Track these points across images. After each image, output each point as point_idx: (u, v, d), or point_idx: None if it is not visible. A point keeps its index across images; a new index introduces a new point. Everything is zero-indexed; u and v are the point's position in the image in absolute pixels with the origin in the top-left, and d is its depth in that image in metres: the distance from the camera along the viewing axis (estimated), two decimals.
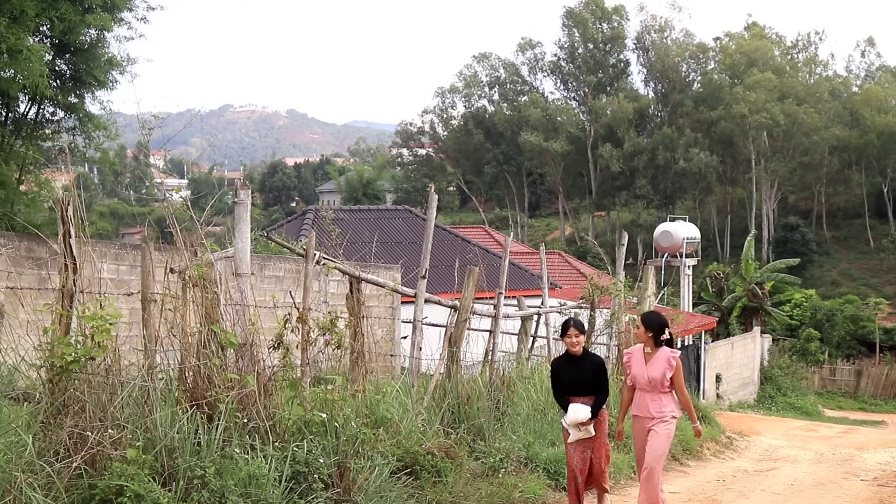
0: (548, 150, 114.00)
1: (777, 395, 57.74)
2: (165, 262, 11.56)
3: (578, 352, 13.18)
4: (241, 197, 11.91)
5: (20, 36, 22.39)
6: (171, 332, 11.11)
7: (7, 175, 24.04)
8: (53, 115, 26.86)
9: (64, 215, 9.96)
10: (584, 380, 13.11)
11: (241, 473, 9.98)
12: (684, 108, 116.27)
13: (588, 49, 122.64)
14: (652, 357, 12.90)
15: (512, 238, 21.82)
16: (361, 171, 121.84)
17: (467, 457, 14.02)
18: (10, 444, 8.15)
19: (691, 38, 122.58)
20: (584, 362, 13.23)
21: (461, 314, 15.81)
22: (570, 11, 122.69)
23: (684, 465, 19.85)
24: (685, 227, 65.88)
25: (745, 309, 69.08)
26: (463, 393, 15.29)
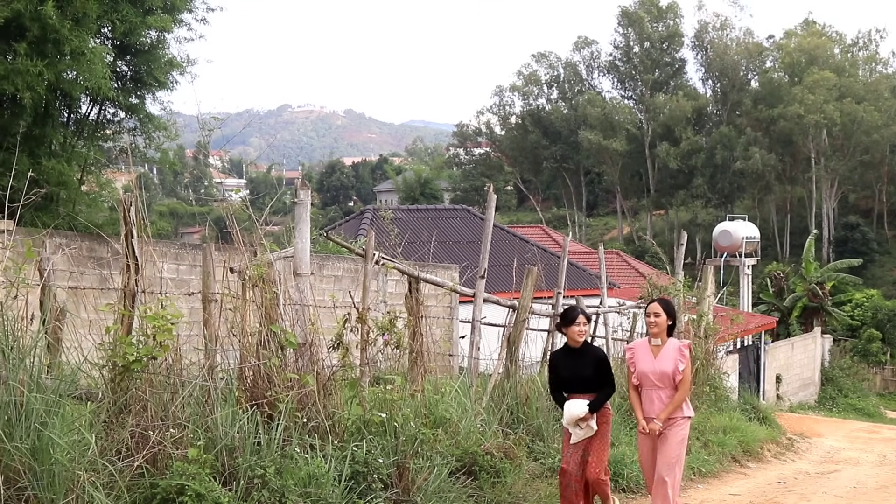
0: (606, 148, 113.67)
1: (838, 396, 57.26)
2: (225, 262, 11.62)
3: (580, 343, 11.92)
4: (300, 197, 11.94)
5: (83, 38, 22.59)
6: (231, 331, 11.16)
7: (69, 175, 24.25)
8: (115, 115, 27.06)
9: (126, 216, 10.02)
10: (585, 375, 11.83)
11: (300, 473, 10.01)
12: (743, 107, 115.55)
13: (644, 48, 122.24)
14: (661, 349, 11.84)
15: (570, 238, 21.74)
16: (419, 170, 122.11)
17: (526, 457, 13.98)
18: (73, 443, 8.21)
19: (750, 36, 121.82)
20: (585, 355, 11.94)
21: (520, 314, 15.77)
22: (625, 11, 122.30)
23: (745, 466, 19.71)
24: (744, 226, 65.46)
25: (806, 309, 68.54)
26: (521, 393, 15.26)
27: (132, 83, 26.28)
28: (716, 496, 16.20)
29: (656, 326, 11.82)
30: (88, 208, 26.66)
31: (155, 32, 25.61)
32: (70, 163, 24.64)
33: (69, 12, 22.55)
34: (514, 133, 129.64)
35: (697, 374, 21.81)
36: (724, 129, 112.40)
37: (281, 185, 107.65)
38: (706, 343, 22.80)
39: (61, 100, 24.87)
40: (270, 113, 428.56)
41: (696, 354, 21.74)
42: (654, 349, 11.88)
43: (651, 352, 11.89)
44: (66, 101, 25.09)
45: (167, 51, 26.42)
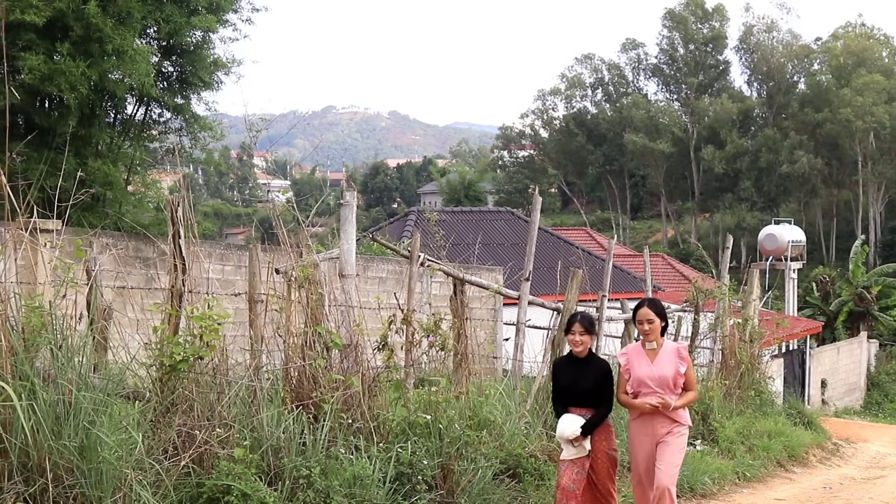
0: (652, 150, 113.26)
1: (884, 401, 56.80)
2: (270, 263, 11.66)
3: (583, 353, 10.89)
4: (346, 198, 11.97)
5: (126, 37, 22.70)
6: (276, 332, 11.21)
7: (115, 176, 24.38)
8: (160, 116, 27.22)
9: (174, 216, 10.08)
10: (585, 387, 10.79)
11: (345, 474, 10.03)
12: (789, 110, 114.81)
13: (689, 49, 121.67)
14: (657, 353, 10.90)
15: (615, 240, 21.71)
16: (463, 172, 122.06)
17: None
18: (120, 442, 8.26)
19: (797, 39, 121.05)
20: (588, 366, 10.91)
21: (564, 317, 15.73)
22: (671, 12, 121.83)
23: (790, 471, 19.60)
24: (790, 230, 65.12)
25: (852, 313, 67.97)
26: None
27: (177, 83, 26.42)
28: (760, 501, 16.12)
29: (651, 333, 10.88)
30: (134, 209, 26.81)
31: (200, 33, 25.72)
32: (116, 163, 24.78)
33: (112, 11, 22.67)
34: (559, 136, 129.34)
35: (742, 379, 21.72)
36: (769, 132, 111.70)
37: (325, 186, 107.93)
38: (751, 347, 22.68)
39: (107, 100, 25.00)
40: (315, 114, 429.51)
41: (741, 358, 21.66)
42: (650, 353, 10.94)
43: (647, 356, 10.95)
44: (111, 101, 25.23)
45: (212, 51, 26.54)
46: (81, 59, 22.27)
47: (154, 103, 26.01)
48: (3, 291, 8.32)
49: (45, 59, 21.81)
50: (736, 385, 21.37)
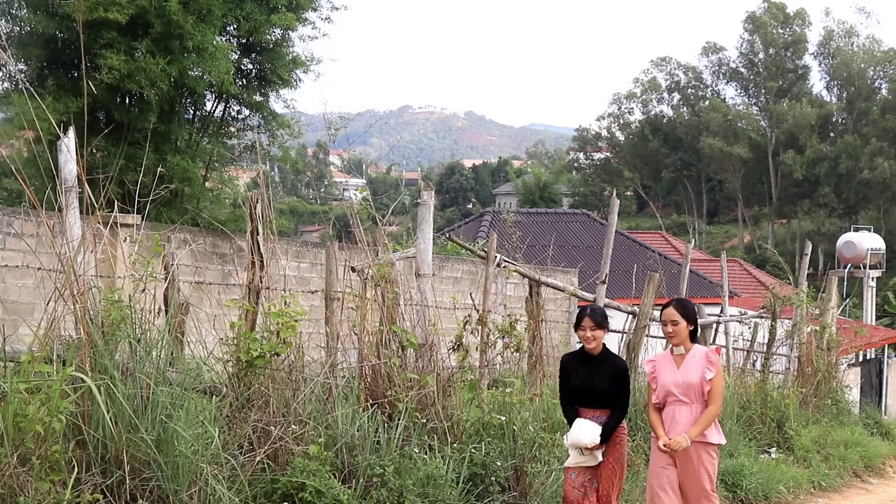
0: (730, 155, 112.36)
1: None
2: (346, 261, 11.70)
3: (596, 349, 9.97)
4: (424, 198, 11.97)
5: (206, 34, 22.90)
6: (352, 330, 11.23)
7: (194, 172, 24.58)
8: (239, 113, 27.41)
9: (252, 213, 10.13)
10: (599, 387, 9.93)
11: (419, 473, 10.03)
12: (870, 116, 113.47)
13: (769, 54, 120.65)
14: (684, 359, 10.02)
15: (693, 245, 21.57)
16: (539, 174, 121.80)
17: (644, 465, 13.85)
18: (197, 436, 8.30)
19: (878, 44, 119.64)
20: (602, 365, 10.01)
21: (640, 320, 15.65)
22: (752, 16, 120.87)
23: (865, 482, 19.32)
24: (869, 237, 64.27)
25: None
26: (640, 400, 15.11)
27: (256, 81, 26.60)
28: None
29: (675, 336, 10.00)
30: (212, 205, 27.01)
31: (279, 30, 25.88)
32: (194, 159, 24.99)
33: (193, 8, 22.88)
34: (634, 139, 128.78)
35: (819, 387, 21.48)
36: (849, 138, 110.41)
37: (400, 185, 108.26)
38: (828, 355, 22.41)
39: (186, 97, 25.23)
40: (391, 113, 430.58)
41: (818, 366, 21.41)
42: (677, 359, 10.07)
43: (673, 362, 10.08)
44: (191, 97, 25.45)
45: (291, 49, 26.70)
46: (162, 56, 22.49)
47: (233, 100, 26.21)
48: (83, 285, 8.38)
49: (126, 58, 22.04)
50: (812, 393, 21.13)
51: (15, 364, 7.52)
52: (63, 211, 8.71)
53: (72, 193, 8.76)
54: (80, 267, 8.46)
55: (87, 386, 7.60)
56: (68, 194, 8.75)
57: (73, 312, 8.33)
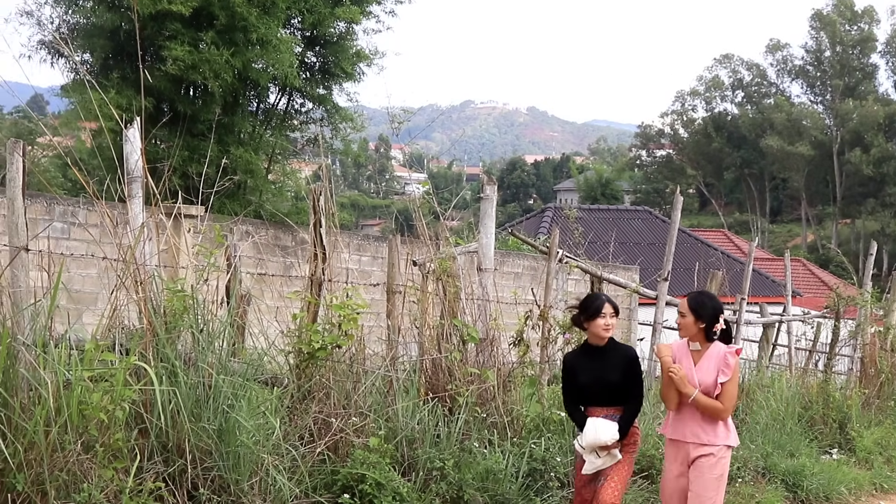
0: (791, 154, 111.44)
1: None
2: (408, 255, 11.70)
3: (605, 339, 9.04)
4: (486, 192, 11.95)
5: (270, 27, 23.03)
6: (413, 323, 11.23)
7: (256, 164, 24.70)
8: (302, 106, 27.52)
9: (316, 205, 10.15)
10: (610, 381, 8.98)
11: (478, 467, 10.02)
12: None
13: (836, 52, 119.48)
14: (702, 356, 9.01)
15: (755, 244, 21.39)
16: (601, 170, 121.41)
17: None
18: (258, 427, 8.33)
19: None
20: (610, 356, 9.05)
21: None
22: (819, 13, 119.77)
23: None
24: None
25: None
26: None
27: (320, 74, 26.70)
28: None
29: (681, 329, 9.06)
30: (274, 197, 27.13)
31: (343, 24, 25.95)
32: (257, 152, 25.12)
33: (257, 1, 23.01)
34: (697, 137, 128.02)
35: (882, 388, 21.25)
36: None
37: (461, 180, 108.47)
38: (892, 356, 22.15)
39: (250, 89, 25.36)
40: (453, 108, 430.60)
41: (881, 368, 21.18)
42: (694, 355, 9.06)
43: (690, 357, 9.08)
44: (254, 90, 25.59)
45: (355, 42, 26.76)
46: (225, 48, 22.61)
47: (296, 93, 26.32)
48: (146, 275, 8.43)
49: (189, 49, 22.17)
50: (875, 395, 20.88)
51: (79, 352, 7.57)
52: (126, 201, 8.77)
53: (136, 184, 8.81)
54: (143, 257, 8.51)
55: (150, 375, 7.63)
56: (132, 185, 8.80)
57: (136, 302, 8.38)
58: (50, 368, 7.17)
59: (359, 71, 26.64)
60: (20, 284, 7.75)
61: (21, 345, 7.24)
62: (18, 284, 7.74)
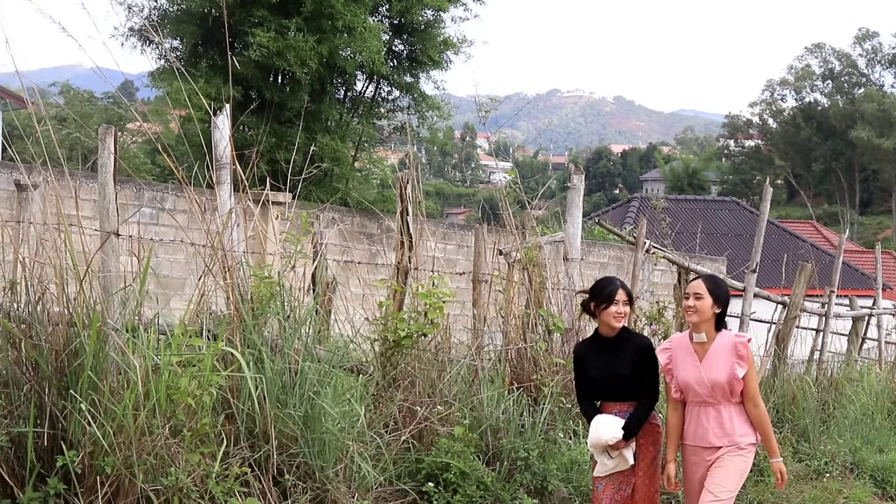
0: (881, 145, 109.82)
1: None
2: (495, 244, 11.68)
3: (617, 329, 8.24)
4: (574, 182, 11.91)
5: (357, 14, 23.10)
6: (498, 313, 11.21)
7: (343, 152, 24.82)
8: (389, 94, 27.61)
9: (403, 194, 10.16)
10: (622, 374, 8.18)
11: (563, 458, 9.99)
12: None
13: None
14: (707, 349, 7.98)
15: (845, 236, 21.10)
16: (687, 160, 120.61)
17: (791, 458, 13.61)
18: (343, 414, 8.35)
19: None
20: (623, 347, 8.25)
21: (790, 311, 15.35)
22: None
23: None
24: None
25: None
26: (788, 392, 14.85)
27: (407, 62, 26.77)
28: None
29: (696, 313, 7.93)
30: (360, 185, 27.25)
31: (431, 12, 25.98)
32: (344, 139, 25.22)
33: None
34: (786, 127, 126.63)
35: None
36: None
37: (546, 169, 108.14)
38: None
39: (337, 76, 25.47)
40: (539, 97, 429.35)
41: None
42: (698, 349, 8.01)
43: (694, 353, 8.04)
44: (341, 77, 25.70)
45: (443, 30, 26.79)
46: (311, 35, 22.72)
47: (383, 81, 26.41)
48: (233, 261, 8.48)
49: (274, 35, 22.31)
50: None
51: (167, 337, 7.63)
52: (215, 187, 8.82)
53: (224, 171, 8.86)
54: (231, 243, 8.55)
55: (237, 361, 7.67)
56: (221, 172, 8.85)
57: (224, 288, 8.44)
58: (139, 353, 7.23)
59: (446, 59, 26.68)
60: (110, 269, 7.83)
61: (111, 329, 7.31)
62: (109, 269, 7.82)
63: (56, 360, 7.10)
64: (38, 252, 7.62)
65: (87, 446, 6.87)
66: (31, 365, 7.15)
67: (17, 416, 7.06)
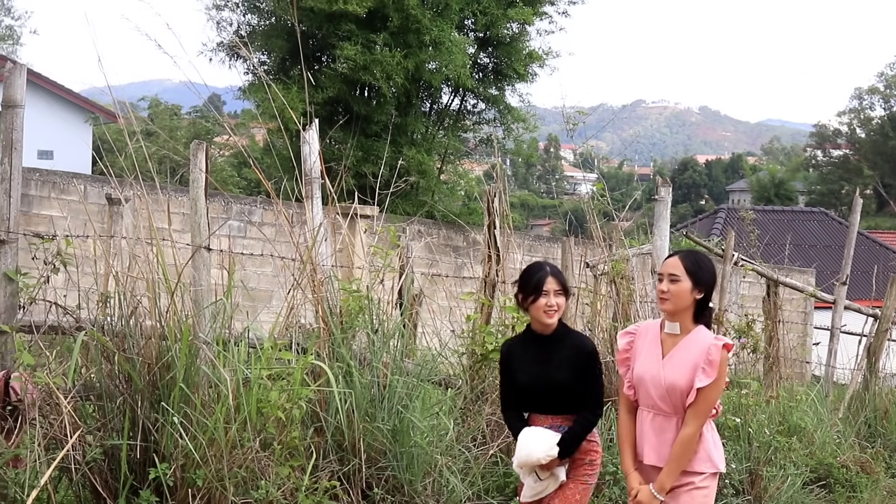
0: None
1: None
2: (581, 257, 11.66)
3: (551, 327, 6.71)
4: (661, 194, 11.86)
5: (443, 28, 23.24)
6: (586, 326, 11.17)
7: (429, 165, 24.92)
8: (475, 106, 27.70)
9: (490, 207, 10.16)
10: (555, 381, 6.64)
11: None
12: None
13: None
14: (677, 343, 6.30)
15: None
16: (774, 170, 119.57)
17: (884, 473, 13.40)
18: (432, 427, 8.37)
19: None
20: (560, 348, 6.72)
21: (882, 323, 15.14)
22: None
23: None
24: None
25: None
26: (881, 406, 14.64)
27: (492, 75, 26.87)
28: None
29: (669, 299, 6.22)
30: (446, 198, 27.33)
31: (516, 25, 26.07)
32: (430, 152, 25.33)
33: (430, 3, 23.26)
34: (875, 136, 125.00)
35: None
36: None
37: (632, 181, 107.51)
38: None
39: (423, 90, 25.62)
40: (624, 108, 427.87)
41: None
42: (667, 340, 6.35)
43: (660, 344, 6.37)
44: (427, 91, 25.84)
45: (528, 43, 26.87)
46: (398, 50, 22.88)
47: (469, 94, 26.49)
48: (322, 275, 8.54)
49: (362, 49, 22.50)
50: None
51: (256, 350, 7.70)
52: (305, 202, 8.88)
53: (314, 185, 8.92)
54: (319, 257, 8.61)
55: (326, 375, 7.72)
56: (311, 186, 8.91)
57: (313, 302, 8.49)
58: (229, 366, 7.30)
59: (531, 71, 26.71)
60: (201, 283, 7.91)
61: (202, 342, 7.38)
62: (199, 283, 7.90)
63: (148, 374, 7.18)
64: (130, 266, 7.71)
65: (178, 459, 6.95)
66: (124, 378, 7.24)
67: (110, 429, 7.16)
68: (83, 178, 18.91)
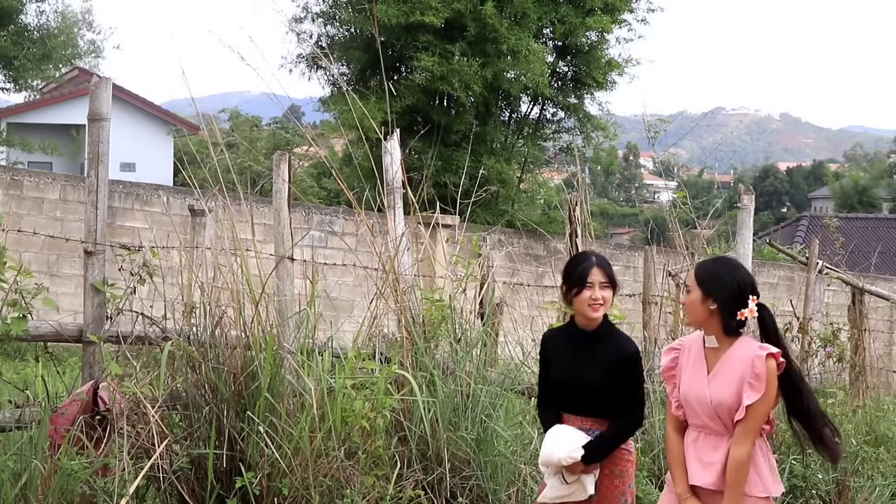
0: None
1: None
2: (663, 265, 11.60)
3: (596, 321, 6.37)
4: (744, 202, 11.75)
5: (521, 37, 23.27)
6: (669, 335, 11.10)
7: (509, 174, 24.94)
8: (554, 115, 27.67)
9: (571, 215, 10.12)
10: (590, 381, 6.28)
11: None
12: None
13: None
14: (720, 358, 5.89)
15: None
16: (857, 177, 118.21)
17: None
18: (516, 437, 8.36)
19: None
20: (600, 346, 6.36)
21: None
22: None
23: None
24: None
25: None
26: None
27: (571, 83, 26.83)
28: None
29: (687, 311, 6.07)
30: (525, 206, 27.33)
31: (595, 33, 26.04)
32: (510, 161, 25.35)
33: (508, 12, 23.29)
34: None
35: None
36: None
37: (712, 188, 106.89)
38: None
39: (501, 99, 25.66)
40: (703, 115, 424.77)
41: None
42: (710, 355, 5.95)
43: (705, 360, 5.97)
44: (506, 100, 25.88)
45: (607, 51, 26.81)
46: (476, 59, 22.93)
47: (548, 102, 26.47)
48: (405, 284, 8.56)
49: (439, 59, 22.58)
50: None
51: (340, 360, 7.73)
52: (387, 211, 8.91)
53: (396, 195, 8.94)
54: (402, 267, 8.63)
55: (409, 384, 7.73)
56: (393, 195, 8.94)
57: (395, 311, 8.51)
58: (314, 376, 7.33)
59: (610, 80, 26.66)
60: (285, 293, 7.96)
61: (287, 352, 7.43)
62: (283, 293, 7.95)
63: (234, 383, 7.24)
64: (214, 276, 7.78)
65: (264, 468, 7.00)
66: (209, 388, 7.30)
67: (196, 438, 7.23)
68: (166, 189, 19.14)
